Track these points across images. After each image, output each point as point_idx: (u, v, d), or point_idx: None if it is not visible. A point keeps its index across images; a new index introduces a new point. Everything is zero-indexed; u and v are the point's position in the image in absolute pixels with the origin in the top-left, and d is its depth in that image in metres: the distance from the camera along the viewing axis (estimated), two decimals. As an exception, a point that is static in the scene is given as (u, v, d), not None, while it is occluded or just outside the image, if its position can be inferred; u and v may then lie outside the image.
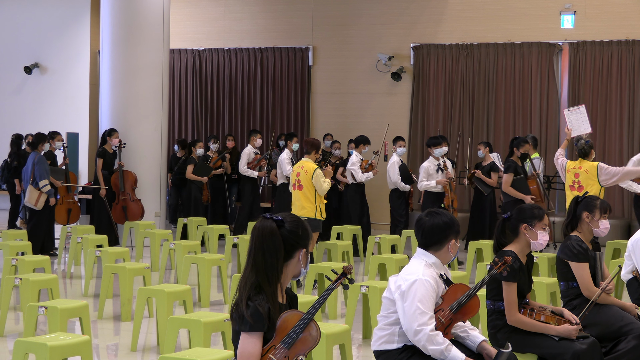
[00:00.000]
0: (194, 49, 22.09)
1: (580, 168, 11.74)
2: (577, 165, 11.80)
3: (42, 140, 15.14)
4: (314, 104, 21.27)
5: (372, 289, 9.09)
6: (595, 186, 11.58)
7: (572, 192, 11.68)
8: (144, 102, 16.68)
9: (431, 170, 14.93)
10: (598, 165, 11.68)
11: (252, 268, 4.57)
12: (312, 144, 12.59)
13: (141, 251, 14.56)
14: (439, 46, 19.92)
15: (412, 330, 5.45)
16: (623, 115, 18.47)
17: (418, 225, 5.68)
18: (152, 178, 16.75)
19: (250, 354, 4.49)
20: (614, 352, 6.85)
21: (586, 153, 11.80)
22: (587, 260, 7.13)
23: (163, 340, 8.22)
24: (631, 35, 18.44)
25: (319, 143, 12.79)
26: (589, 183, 11.62)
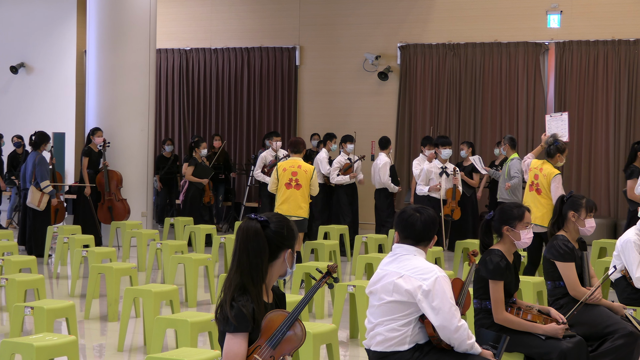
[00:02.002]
0: (181, 49, 22.06)
1: (541, 170, 11.13)
2: (539, 167, 11.21)
3: (44, 140, 15.07)
4: (301, 103, 21.27)
5: (359, 289, 9.08)
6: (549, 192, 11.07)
7: (530, 192, 11.19)
8: (130, 102, 16.65)
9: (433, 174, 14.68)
10: (555, 177, 11.05)
11: (237, 269, 4.57)
12: (301, 142, 12.68)
13: (128, 251, 14.54)
14: (425, 46, 19.94)
15: (452, 327, 5.41)
16: (609, 114, 18.52)
17: (409, 222, 5.58)
18: (139, 178, 16.72)
19: (236, 354, 4.48)
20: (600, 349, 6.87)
21: (551, 154, 11.16)
22: (574, 259, 7.15)
23: (150, 341, 8.21)
24: (617, 35, 18.49)
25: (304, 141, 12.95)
26: (545, 188, 11.09)
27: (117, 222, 15.76)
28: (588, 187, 18.58)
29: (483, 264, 6.50)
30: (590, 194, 18.02)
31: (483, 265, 6.49)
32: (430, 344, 5.57)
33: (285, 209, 12.44)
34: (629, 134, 18.37)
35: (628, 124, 18.39)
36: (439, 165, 14.66)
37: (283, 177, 12.57)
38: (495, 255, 6.48)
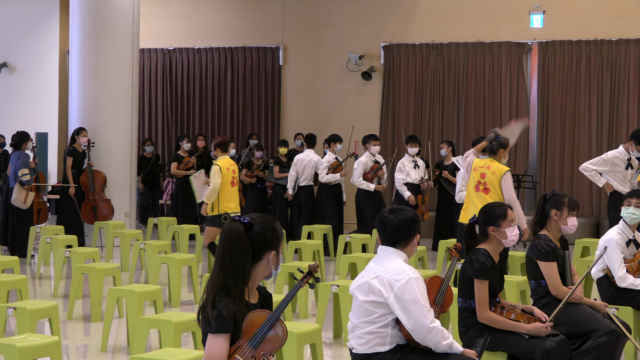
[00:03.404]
0: (164, 49, 22.02)
1: (489, 168, 10.54)
2: (485, 165, 10.61)
3: (24, 139, 15.04)
4: (285, 103, 21.27)
5: (343, 289, 9.09)
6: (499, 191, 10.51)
7: (477, 192, 10.59)
8: (113, 102, 16.61)
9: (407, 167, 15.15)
10: (504, 175, 10.51)
11: (220, 270, 4.57)
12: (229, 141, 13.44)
13: (111, 251, 14.50)
14: (409, 46, 19.97)
15: (424, 328, 5.41)
16: (592, 114, 18.58)
17: (383, 223, 5.61)
18: (122, 178, 16.68)
19: (217, 355, 4.49)
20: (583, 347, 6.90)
21: (493, 150, 10.59)
22: (556, 259, 7.17)
23: (133, 341, 8.19)
24: (599, 35, 18.56)
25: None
26: (495, 186, 10.51)
27: (100, 222, 15.73)
28: (571, 186, 18.64)
29: (469, 263, 6.52)
30: (573, 193, 18.07)
31: (469, 264, 6.51)
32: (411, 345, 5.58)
33: (233, 207, 12.79)
34: (612, 133, 18.44)
35: (610, 123, 18.47)
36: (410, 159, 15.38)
37: (227, 176, 12.77)
38: (482, 255, 6.50)
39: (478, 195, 10.56)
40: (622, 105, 18.42)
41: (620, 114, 18.44)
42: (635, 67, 18.35)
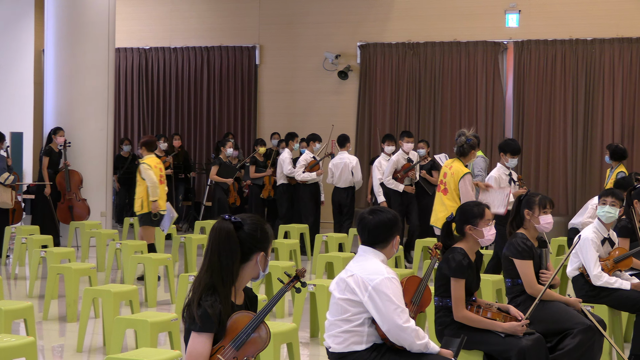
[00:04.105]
0: (140, 48, 21.96)
1: (451, 168, 10.42)
2: (449, 165, 10.49)
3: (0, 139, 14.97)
4: (261, 102, 21.25)
5: (320, 288, 9.10)
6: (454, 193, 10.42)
7: (438, 192, 10.56)
8: (89, 101, 16.55)
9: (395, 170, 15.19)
10: (463, 176, 10.38)
11: (208, 269, 4.55)
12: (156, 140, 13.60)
13: (87, 251, 14.46)
14: (385, 45, 19.99)
15: (397, 328, 5.41)
16: (567, 113, 18.66)
17: (362, 223, 5.62)
18: (97, 177, 16.62)
19: (199, 353, 4.48)
20: (559, 348, 6.93)
21: (464, 152, 10.46)
22: (532, 257, 7.20)
23: (109, 341, 8.17)
24: (575, 35, 18.64)
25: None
26: (452, 188, 10.41)
27: (76, 222, 15.67)
28: (546, 185, 18.72)
29: (445, 262, 6.54)
30: (549, 192, 18.14)
31: (445, 263, 6.53)
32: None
33: (161, 204, 13.07)
34: (587, 132, 18.53)
35: (585, 122, 18.55)
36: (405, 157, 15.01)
37: (156, 175, 13.02)
38: (458, 254, 6.53)
39: (438, 196, 10.49)
40: (597, 105, 18.51)
41: (595, 113, 18.52)
42: (609, 67, 18.44)
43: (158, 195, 12.92)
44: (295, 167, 16.15)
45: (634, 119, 18.31)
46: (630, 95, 18.33)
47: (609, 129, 18.37)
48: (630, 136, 18.27)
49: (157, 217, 13.08)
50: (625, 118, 18.33)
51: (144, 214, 13.01)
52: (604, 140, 18.19)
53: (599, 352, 7.08)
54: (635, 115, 18.30)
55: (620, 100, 18.35)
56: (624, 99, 18.35)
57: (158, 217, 13.10)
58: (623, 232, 8.96)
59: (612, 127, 18.37)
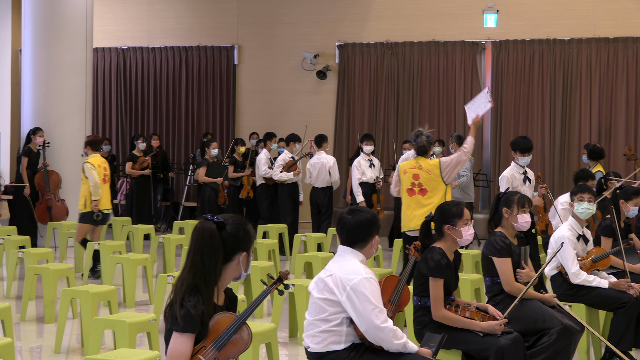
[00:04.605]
0: (118, 48, 21.89)
1: (421, 168, 10.06)
2: (416, 165, 10.11)
3: None
4: (240, 102, 21.23)
5: (299, 288, 9.10)
6: (440, 186, 10.03)
7: (412, 196, 10.06)
8: (67, 102, 16.49)
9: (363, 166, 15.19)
10: (440, 162, 10.08)
11: (190, 269, 4.54)
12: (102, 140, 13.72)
13: (65, 252, 14.40)
14: (364, 45, 20.01)
15: (375, 328, 5.41)
16: (545, 112, 18.74)
17: (341, 223, 5.63)
18: (76, 178, 16.50)
19: (181, 353, 4.47)
20: (537, 345, 6.96)
21: (425, 150, 10.13)
22: (510, 255, 7.23)
23: (87, 342, 8.14)
24: (552, 35, 18.72)
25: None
26: (433, 185, 10.02)
27: (54, 222, 15.61)
28: (524, 185, 18.75)
29: (424, 262, 6.56)
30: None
31: (424, 263, 6.55)
32: (366, 344, 5.59)
33: (104, 204, 13.22)
34: (564, 131, 18.61)
35: (563, 121, 18.63)
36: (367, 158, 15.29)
37: (99, 174, 13.11)
38: (437, 253, 6.55)
39: (414, 199, 10.06)
40: (574, 104, 18.59)
41: (572, 112, 18.61)
42: (587, 66, 18.53)
43: (100, 195, 13.06)
44: (274, 167, 16.17)
45: (611, 118, 18.40)
46: (607, 95, 18.42)
47: (586, 129, 18.46)
48: (607, 136, 18.36)
49: (99, 217, 13.18)
50: (602, 118, 18.42)
51: (85, 213, 13.20)
52: (581, 139, 18.28)
53: (573, 352, 7.12)
54: (612, 115, 18.40)
55: (597, 99, 18.45)
56: (601, 99, 18.45)
57: (100, 217, 13.20)
58: (606, 231, 9.00)
59: (590, 127, 18.46)
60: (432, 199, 9.99)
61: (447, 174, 10.00)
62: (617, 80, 18.38)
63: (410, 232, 9.97)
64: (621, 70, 18.37)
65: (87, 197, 13.11)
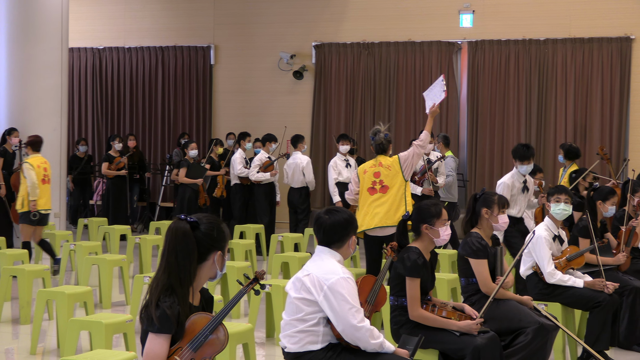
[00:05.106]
0: (94, 48, 21.81)
1: (381, 165, 10.05)
2: (375, 164, 10.10)
3: None
4: (216, 102, 21.20)
5: (276, 288, 9.09)
6: (400, 182, 9.98)
7: (373, 195, 10.02)
8: (42, 102, 16.41)
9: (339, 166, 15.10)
10: (399, 157, 10.08)
11: (165, 269, 4.52)
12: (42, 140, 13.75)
13: (40, 253, 14.33)
14: (340, 45, 20.02)
15: (351, 327, 5.42)
16: (520, 112, 18.80)
17: (318, 223, 5.64)
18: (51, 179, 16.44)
19: (157, 354, 4.46)
20: (513, 345, 6.99)
21: (385, 148, 10.14)
22: (487, 256, 7.25)
23: (63, 343, 8.10)
24: (528, 35, 18.79)
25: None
26: (394, 181, 9.98)
27: (29, 223, 15.52)
28: (501, 185, 18.81)
29: (401, 262, 6.57)
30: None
31: (401, 263, 6.56)
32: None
33: (43, 204, 13.25)
34: (540, 131, 18.68)
35: (539, 121, 18.70)
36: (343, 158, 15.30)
37: (39, 175, 13.18)
38: (413, 253, 6.56)
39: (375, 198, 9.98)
40: (549, 104, 18.67)
41: (548, 112, 18.68)
42: (562, 66, 18.61)
43: (37, 195, 13.12)
44: (250, 167, 16.17)
45: (586, 118, 18.49)
46: (583, 94, 18.50)
47: (561, 128, 18.54)
48: (582, 135, 18.44)
49: (36, 217, 13.19)
50: (578, 117, 18.50)
51: (23, 213, 13.27)
52: (557, 139, 18.36)
53: (549, 351, 7.16)
54: (587, 114, 18.48)
55: (572, 99, 18.53)
56: (576, 99, 18.53)
57: (38, 217, 13.22)
58: (583, 232, 9.03)
59: (565, 127, 18.54)
60: (392, 194, 9.96)
61: (406, 169, 10.00)
62: (592, 80, 18.47)
63: (372, 230, 9.96)
64: (596, 70, 18.46)
65: (24, 197, 13.21)
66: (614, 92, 18.36)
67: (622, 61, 18.33)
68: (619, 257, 9.13)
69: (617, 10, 18.39)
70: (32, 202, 13.07)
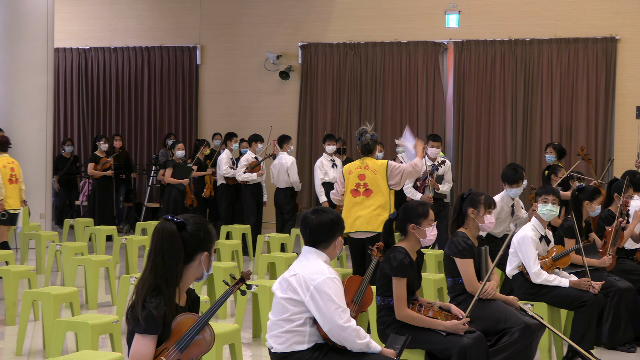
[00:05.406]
0: (80, 48, 21.76)
1: (367, 168, 9.91)
2: (361, 165, 9.95)
3: None
4: (202, 103, 21.17)
5: (262, 288, 9.09)
6: (384, 188, 9.88)
7: (355, 197, 9.91)
8: (28, 102, 16.36)
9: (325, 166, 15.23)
10: (388, 164, 9.93)
11: (151, 270, 4.52)
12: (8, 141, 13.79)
13: (26, 253, 14.29)
14: (326, 45, 20.03)
15: (338, 327, 5.42)
16: (506, 112, 18.84)
17: (304, 223, 5.65)
18: (37, 179, 16.43)
19: (143, 355, 4.45)
20: (498, 343, 7.00)
21: (370, 149, 9.99)
22: (472, 256, 7.26)
23: (49, 344, 8.08)
24: (513, 35, 18.82)
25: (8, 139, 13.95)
26: (378, 185, 9.86)
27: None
28: (486, 184, 18.87)
29: (387, 261, 6.57)
30: (489, 190, 18.28)
31: (387, 263, 6.57)
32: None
33: (12, 203, 13.29)
34: (526, 130, 18.72)
35: (524, 121, 18.74)
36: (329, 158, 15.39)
37: (5, 175, 13.20)
38: (400, 253, 6.57)
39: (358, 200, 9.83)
40: (535, 104, 18.71)
41: (534, 112, 18.72)
42: (548, 67, 18.65)
43: (3, 195, 13.12)
44: (237, 168, 16.17)
45: (571, 118, 18.53)
46: (568, 94, 18.55)
47: (547, 128, 18.58)
48: (567, 135, 18.48)
49: (5, 217, 13.18)
50: (564, 117, 18.54)
51: None
52: (543, 139, 18.40)
53: (534, 351, 7.17)
54: (572, 114, 18.53)
55: (558, 99, 18.57)
56: (561, 99, 18.57)
57: (6, 217, 13.20)
58: (569, 232, 9.05)
59: (551, 126, 18.58)
60: (375, 199, 9.84)
61: (392, 178, 9.86)
62: (578, 80, 18.52)
63: (353, 233, 9.93)
64: (581, 70, 18.51)
65: None
66: (599, 92, 18.41)
67: (607, 61, 18.39)
68: (605, 259, 9.15)
69: (602, 10, 18.45)
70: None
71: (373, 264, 6.68)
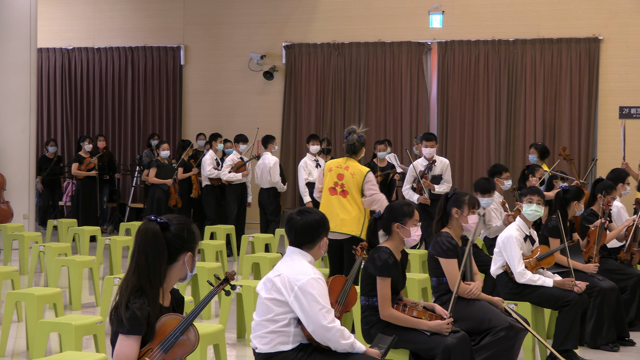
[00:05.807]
0: (63, 48, 21.70)
1: (347, 169, 9.73)
2: (343, 165, 9.78)
3: None
4: (186, 103, 21.14)
5: (247, 289, 9.09)
6: (358, 196, 9.70)
7: (333, 195, 9.72)
8: (11, 103, 16.31)
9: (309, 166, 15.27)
10: (367, 174, 9.71)
11: (135, 270, 4.51)
12: None
13: (9, 254, 14.24)
14: (310, 45, 20.03)
15: (322, 328, 5.42)
16: (490, 113, 18.88)
17: (289, 224, 5.64)
18: (20, 180, 16.39)
19: (127, 356, 4.44)
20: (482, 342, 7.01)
21: (355, 150, 9.82)
22: (457, 256, 7.27)
23: (33, 345, 8.05)
24: (497, 35, 18.87)
25: None
26: (354, 190, 9.68)
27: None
28: (470, 184, 18.88)
29: (371, 261, 6.58)
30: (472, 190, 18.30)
31: (371, 262, 6.57)
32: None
33: None
34: (509, 130, 18.77)
35: (508, 121, 18.78)
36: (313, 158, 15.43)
37: None
38: (384, 252, 6.57)
39: (336, 199, 9.72)
40: (519, 104, 18.76)
41: (517, 112, 18.77)
42: (531, 67, 18.70)
43: None
44: (222, 168, 16.17)
45: (555, 118, 18.59)
46: (551, 94, 18.61)
47: (531, 128, 18.63)
48: (551, 135, 18.54)
49: None
50: (547, 117, 18.60)
51: None
52: (527, 139, 18.45)
53: (518, 351, 7.19)
54: (556, 114, 18.58)
55: (541, 99, 18.63)
56: (545, 99, 18.63)
57: None
58: (553, 232, 9.06)
59: (534, 126, 18.63)
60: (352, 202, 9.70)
61: (366, 190, 9.67)
62: (561, 81, 18.58)
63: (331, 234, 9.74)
64: (565, 71, 18.57)
65: None
66: (583, 92, 18.47)
67: (590, 62, 18.45)
68: (590, 266, 9.18)
69: (585, 11, 18.52)
70: None
71: (357, 263, 6.68)
